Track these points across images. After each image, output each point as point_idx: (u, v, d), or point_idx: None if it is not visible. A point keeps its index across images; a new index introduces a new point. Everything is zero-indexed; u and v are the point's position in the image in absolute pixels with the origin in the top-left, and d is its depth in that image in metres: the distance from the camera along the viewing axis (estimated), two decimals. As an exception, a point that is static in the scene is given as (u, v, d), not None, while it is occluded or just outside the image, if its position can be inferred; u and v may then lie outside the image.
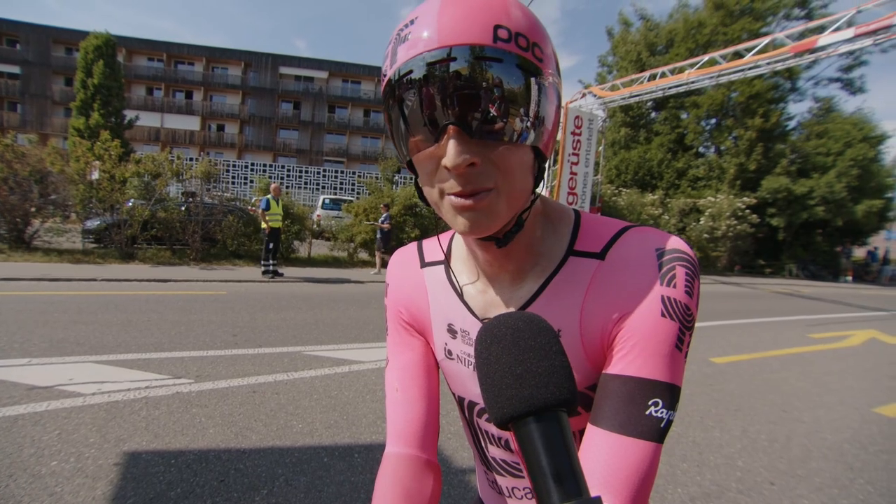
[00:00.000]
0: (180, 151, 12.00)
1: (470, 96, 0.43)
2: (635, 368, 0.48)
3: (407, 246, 0.73)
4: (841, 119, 23.00)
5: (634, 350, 0.48)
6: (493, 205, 0.47)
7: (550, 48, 0.48)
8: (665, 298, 0.48)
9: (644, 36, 25.34)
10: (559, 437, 0.34)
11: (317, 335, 5.12)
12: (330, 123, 36.97)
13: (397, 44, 0.46)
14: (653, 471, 0.46)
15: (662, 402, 0.47)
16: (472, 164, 0.45)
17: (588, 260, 0.54)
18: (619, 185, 23.05)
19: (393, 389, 0.67)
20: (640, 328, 0.48)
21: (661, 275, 0.49)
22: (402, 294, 0.70)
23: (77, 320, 4.95)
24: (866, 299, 13.88)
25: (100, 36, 20.55)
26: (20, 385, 3.25)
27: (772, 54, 10.98)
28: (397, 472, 0.59)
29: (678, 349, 0.48)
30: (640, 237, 0.53)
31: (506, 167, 0.46)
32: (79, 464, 2.37)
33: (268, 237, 9.13)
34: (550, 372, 0.36)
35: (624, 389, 0.47)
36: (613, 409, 0.47)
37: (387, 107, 0.48)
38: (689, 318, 0.49)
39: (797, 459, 3.05)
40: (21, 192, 9.22)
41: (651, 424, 0.46)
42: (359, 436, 2.92)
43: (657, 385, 0.47)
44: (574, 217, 0.58)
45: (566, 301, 0.54)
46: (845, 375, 5.20)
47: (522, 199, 0.49)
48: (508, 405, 0.35)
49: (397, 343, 0.70)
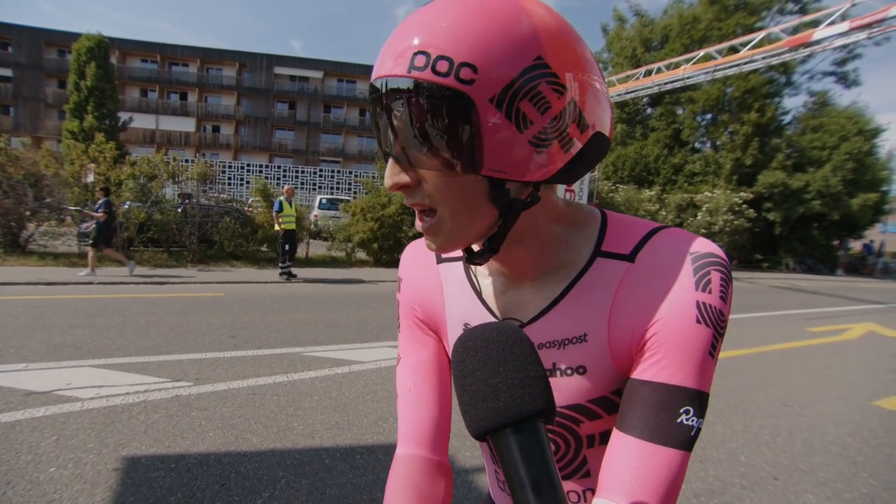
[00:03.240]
0: (176, 153, 11.95)
1: (389, 126, 0.45)
2: (667, 375, 0.46)
3: (421, 239, 0.71)
4: (836, 113, 23.07)
5: (668, 356, 0.46)
6: (438, 227, 0.48)
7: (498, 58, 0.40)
8: (700, 304, 0.46)
9: (639, 32, 25.36)
10: (537, 448, 0.35)
11: (316, 336, 5.10)
12: (326, 123, 36.89)
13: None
14: (680, 479, 0.45)
15: (693, 409, 0.45)
16: (404, 185, 0.47)
17: (616, 262, 0.52)
18: (615, 181, 23.08)
19: (406, 389, 0.65)
20: (674, 334, 0.46)
21: (697, 280, 0.47)
22: (416, 290, 0.68)
23: (74, 324, 4.91)
24: (863, 292, 13.95)
25: (92, 38, 20.43)
26: (17, 391, 3.21)
27: (767, 49, 11.02)
28: (410, 475, 0.59)
29: (710, 356, 0.47)
30: (672, 240, 0.51)
31: (442, 193, 0.46)
32: (77, 470, 2.35)
33: (282, 239, 9.13)
34: (525, 383, 0.36)
35: (655, 396, 0.46)
36: (644, 417, 0.46)
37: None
38: (723, 325, 0.47)
39: (800, 454, 3.05)
40: (15, 195, 9.16)
41: (682, 433, 0.45)
42: (360, 437, 2.90)
43: (689, 393, 0.46)
44: (600, 217, 0.56)
45: (594, 304, 0.52)
46: (845, 369, 5.21)
47: (476, 222, 0.48)
48: (484, 418, 0.35)
49: (410, 341, 0.68)
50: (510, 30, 0.41)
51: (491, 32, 0.41)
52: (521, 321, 0.57)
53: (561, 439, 0.57)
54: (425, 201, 0.47)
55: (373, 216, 11.86)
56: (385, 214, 11.86)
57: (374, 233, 11.84)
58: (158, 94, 34.62)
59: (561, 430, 0.56)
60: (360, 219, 12.06)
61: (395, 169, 0.46)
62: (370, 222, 11.83)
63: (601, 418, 0.53)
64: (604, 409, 0.53)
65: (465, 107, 0.41)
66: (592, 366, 0.52)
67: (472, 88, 0.40)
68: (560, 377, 0.54)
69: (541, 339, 0.55)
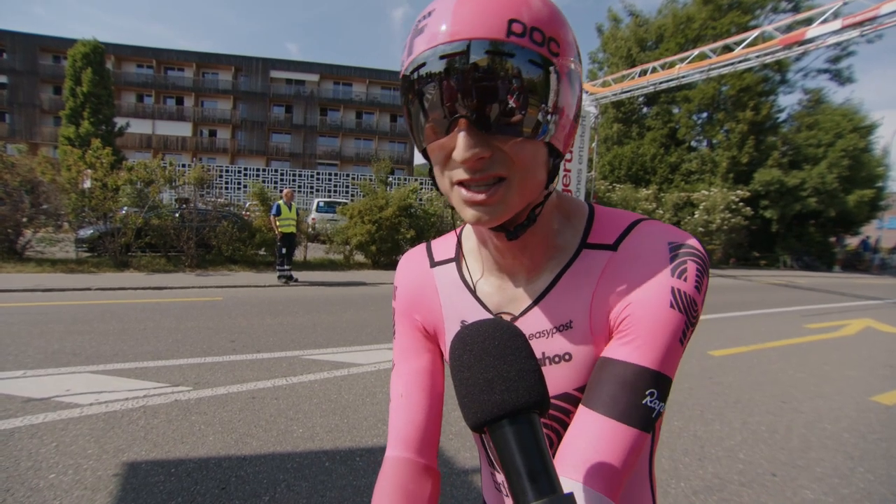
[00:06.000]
0: (172, 158, 11.94)
1: (481, 90, 0.43)
2: (638, 356, 0.48)
3: (415, 248, 0.74)
4: (831, 110, 23.15)
5: (639, 338, 0.48)
6: (506, 196, 0.47)
7: (570, 38, 0.47)
8: (674, 290, 0.49)
9: (634, 32, 25.45)
10: (531, 438, 0.36)
11: (315, 339, 5.10)
12: (322, 126, 36.89)
13: (414, 35, 0.46)
14: (636, 459, 0.47)
15: (657, 392, 0.47)
16: (481, 158, 0.45)
17: (601, 252, 0.54)
18: (612, 180, 23.15)
19: (398, 395, 0.67)
20: (647, 316, 0.49)
21: (673, 267, 0.49)
22: (413, 295, 0.70)
23: (72, 330, 4.91)
24: (860, 288, 14.00)
25: (87, 43, 20.41)
26: (16, 398, 3.21)
27: (761, 47, 11.06)
28: (397, 476, 0.60)
29: (680, 343, 0.49)
30: (653, 229, 0.53)
31: (519, 159, 0.46)
32: (77, 476, 2.35)
33: (280, 242, 9.12)
34: (520, 376, 0.37)
35: (624, 375, 0.48)
36: (611, 395, 0.47)
37: (403, 96, 0.49)
38: (695, 314, 0.49)
39: (797, 450, 3.06)
40: (12, 202, 9.13)
41: (644, 414, 0.47)
42: (360, 439, 2.90)
43: (656, 375, 0.48)
44: (588, 210, 0.59)
45: (578, 293, 0.54)
46: (842, 365, 5.23)
47: (535, 192, 0.50)
48: (481, 410, 0.37)
49: (406, 348, 0.70)
50: (559, 12, 0.48)
51: (562, 17, 0.47)
52: (514, 314, 0.59)
53: (553, 432, 0.58)
54: (500, 171, 0.46)
55: (370, 218, 11.85)
56: (383, 217, 11.85)
57: (372, 235, 11.83)
58: (154, 99, 34.56)
59: (552, 422, 0.58)
60: (357, 221, 12.05)
61: (472, 141, 0.44)
62: (368, 225, 11.82)
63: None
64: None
65: (553, 76, 0.45)
66: (577, 353, 0.54)
67: (558, 60, 0.45)
68: (549, 366, 0.56)
69: (531, 330, 0.57)
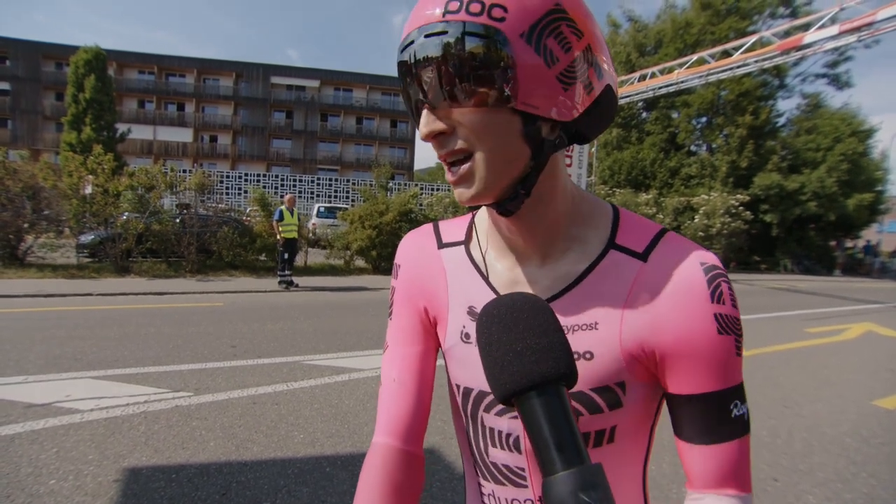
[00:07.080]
0: (173, 163, 11.98)
1: (426, 72, 0.46)
2: (710, 385, 0.51)
3: (420, 227, 0.71)
4: (829, 114, 23.24)
5: (700, 369, 0.51)
6: (474, 170, 0.49)
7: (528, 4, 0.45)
8: (718, 316, 0.50)
9: (633, 37, 25.59)
10: (560, 409, 0.36)
11: (315, 344, 5.10)
12: (323, 132, 37.03)
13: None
14: (749, 456, 0.52)
15: (738, 400, 0.51)
16: (440, 132, 0.48)
17: (630, 258, 0.54)
18: (612, 185, 23.16)
19: (390, 379, 0.65)
20: (701, 347, 0.50)
21: (711, 292, 0.51)
22: (417, 275, 0.67)
23: (73, 336, 4.91)
24: (861, 292, 13.98)
25: (90, 50, 20.52)
26: (17, 403, 3.21)
27: (759, 52, 11.12)
28: (386, 465, 0.59)
29: (737, 355, 0.51)
30: (680, 245, 0.54)
31: (477, 133, 0.47)
32: (78, 482, 2.35)
33: (282, 248, 9.13)
34: (549, 348, 0.38)
35: (704, 406, 0.51)
36: (703, 426, 0.51)
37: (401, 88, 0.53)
38: (740, 328, 0.52)
39: (799, 454, 3.06)
40: (13, 208, 9.17)
41: (737, 423, 0.51)
42: (361, 444, 2.90)
43: (731, 391, 0.51)
44: (612, 210, 0.59)
45: (608, 295, 0.54)
46: (843, 369, 5.23)
47: (510, 163, 0.49)
48: (510, 381, 0.37)
49: (404, 330, 0.68)
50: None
51: None
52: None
53: None
54: (462, 145, 0.48)
55: (371, 224, 11.87)
56: (383, 222, 11.87)
57: (373, 240, 11.84)
58: (156, 105, 34.72)
59: None
60: (358, 226, 12.07)
61: (431, 118, 0.48)
62: (368, 230, 11.84)
63: (601, 413, 0.54)
64: (605, 403, 0.53)
65: (500, 41, 0.45)
66: (600, 353, 0.53)
67: (503, 25, 0.45)
68: None
69: None
